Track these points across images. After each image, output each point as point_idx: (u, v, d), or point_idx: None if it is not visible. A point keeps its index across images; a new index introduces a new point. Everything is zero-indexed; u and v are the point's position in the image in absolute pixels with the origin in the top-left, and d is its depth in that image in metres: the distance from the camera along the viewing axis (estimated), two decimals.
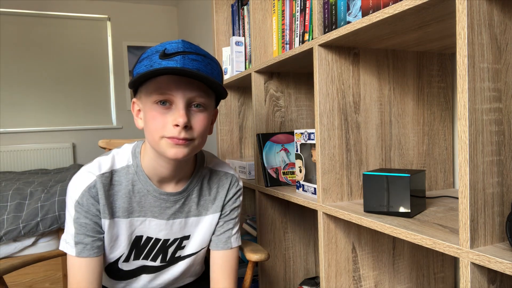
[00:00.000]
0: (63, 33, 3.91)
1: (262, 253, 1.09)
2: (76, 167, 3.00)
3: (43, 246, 1.93)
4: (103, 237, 0.87)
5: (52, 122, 3.88)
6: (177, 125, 0.76)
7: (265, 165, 1.38)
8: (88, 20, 4.02)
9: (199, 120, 0.80)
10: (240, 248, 1.17)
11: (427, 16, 0.78)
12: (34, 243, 1.91)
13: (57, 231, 1.95)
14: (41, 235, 1.92)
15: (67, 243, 0.85)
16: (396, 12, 0.74)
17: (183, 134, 0.77)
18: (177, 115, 0.76)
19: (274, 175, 1.38)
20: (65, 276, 2.00)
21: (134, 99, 0.86)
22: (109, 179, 0.85)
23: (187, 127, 0.77)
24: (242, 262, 1.78)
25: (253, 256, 1.08)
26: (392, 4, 0.79)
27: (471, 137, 0.63)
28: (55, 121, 3.89)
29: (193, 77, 0.75)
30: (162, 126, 0.77)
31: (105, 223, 0.86)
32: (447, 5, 0.71)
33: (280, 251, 1.47)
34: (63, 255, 1.19)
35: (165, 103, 0.77)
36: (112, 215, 0.87)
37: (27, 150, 3.69)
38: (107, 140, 1.52)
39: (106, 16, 4.08)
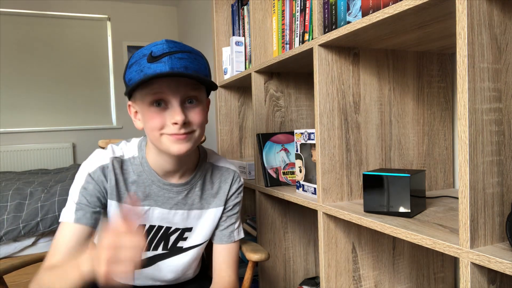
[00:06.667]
0: (63, 33, 3.91)
1: (262, 253, 1.09)
2: (76, 167, 2.99)
3: (43, 246, 1.93)
4: (101, 211, 0.91)
5: (52, 122, 3.87)
6: (176, 123, 0.81)
7: (265, 165, 1.38)
8: (88, 20, 4.02)
9: (195, 114, 0.84)
10: (240, 248, 1.17)
11: (427, 16, 0.78)
12: (34, 243, 1.91)
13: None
14: (41, 235, 1.92)
15: (67, 210, 0.87)
16: (396, 12, 0.74)
17: (183, 130, 0.82)
18: (174, 113, 0.80)
19: (274, 175, 1.38)
20: None
21: (129, 102, 0.90)
22: (120, 164, 0.92)
23: (186, 123, 0.82)
24: (242, 262, 1.78)
25: (253, 256, 1.08)
26: (392, 4, 0.79)
27: (471, 137, 0.63)
28: (55, 121, 3.89)
29: (184, 76, 0.80)
30: (161, 125, 0.82)
31: (112, 204, 0.91)
32: (447, 5, 0.71)
33: (280, 251, 1.47)
34: None
35: (161, 104, 0.82)
36: (119, 199, 0.92)
37: (27, 150, 3.69)
38: (107, 140, 1.52)
39: (106, 16, 4.08)
